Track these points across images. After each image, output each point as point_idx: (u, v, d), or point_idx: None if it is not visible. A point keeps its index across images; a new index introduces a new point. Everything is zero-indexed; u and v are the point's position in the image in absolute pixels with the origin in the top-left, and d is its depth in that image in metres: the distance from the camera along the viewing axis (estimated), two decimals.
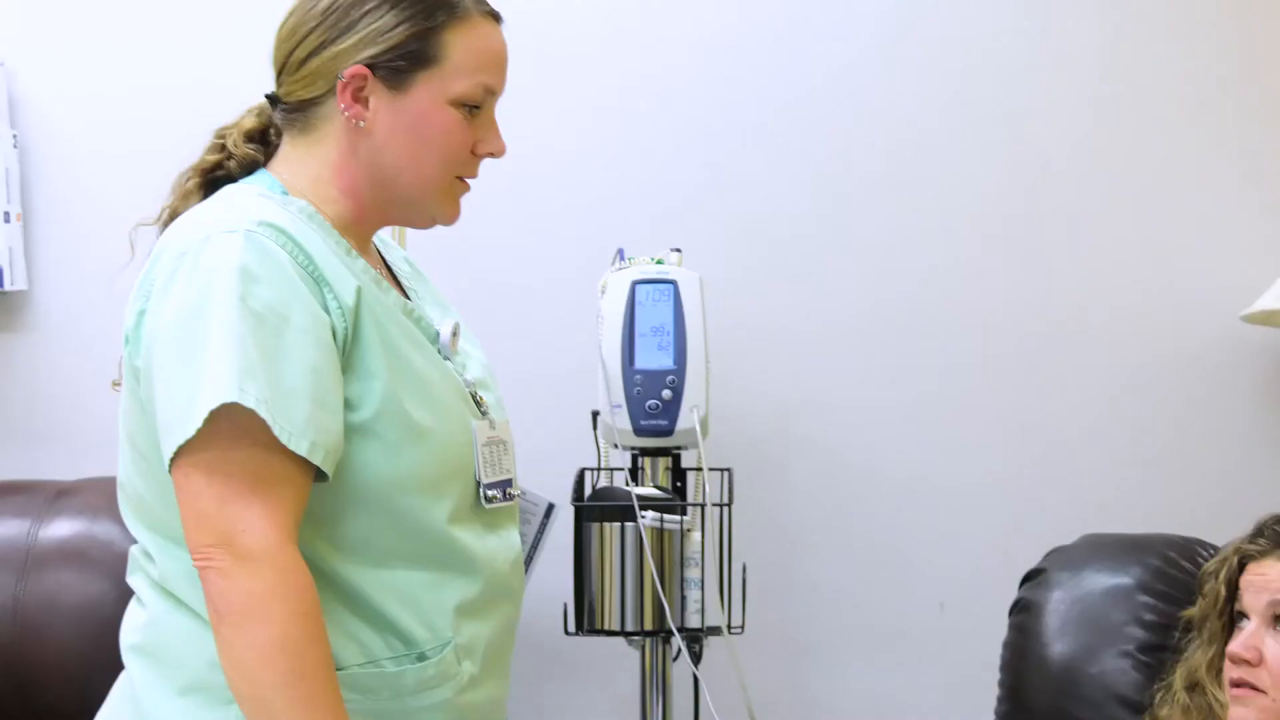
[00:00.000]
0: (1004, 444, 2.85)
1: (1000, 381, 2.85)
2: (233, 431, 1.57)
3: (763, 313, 2.85)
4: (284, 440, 1.58)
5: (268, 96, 1.78)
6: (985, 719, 2.24)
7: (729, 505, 2.48)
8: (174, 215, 1.75)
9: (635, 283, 2.47)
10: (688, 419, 2.44)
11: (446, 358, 1.81)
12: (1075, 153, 2.85)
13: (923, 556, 2.85)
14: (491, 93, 1.76)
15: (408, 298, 1.83)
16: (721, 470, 2.51)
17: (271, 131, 1.79)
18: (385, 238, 1.90)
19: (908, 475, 2.85)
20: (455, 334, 1.83)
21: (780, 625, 2.81)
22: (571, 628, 2.45)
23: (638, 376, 2.44)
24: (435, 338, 1.80)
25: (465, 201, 1.80)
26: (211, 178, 1.78)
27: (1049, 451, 2.84)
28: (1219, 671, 1.89)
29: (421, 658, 1.71)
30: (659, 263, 2.50)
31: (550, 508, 2.50)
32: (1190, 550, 2.17)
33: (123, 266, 1.78)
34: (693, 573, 2.43)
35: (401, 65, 1.71)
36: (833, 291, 2.85)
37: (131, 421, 1.69)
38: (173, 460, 1.58)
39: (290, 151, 1.76)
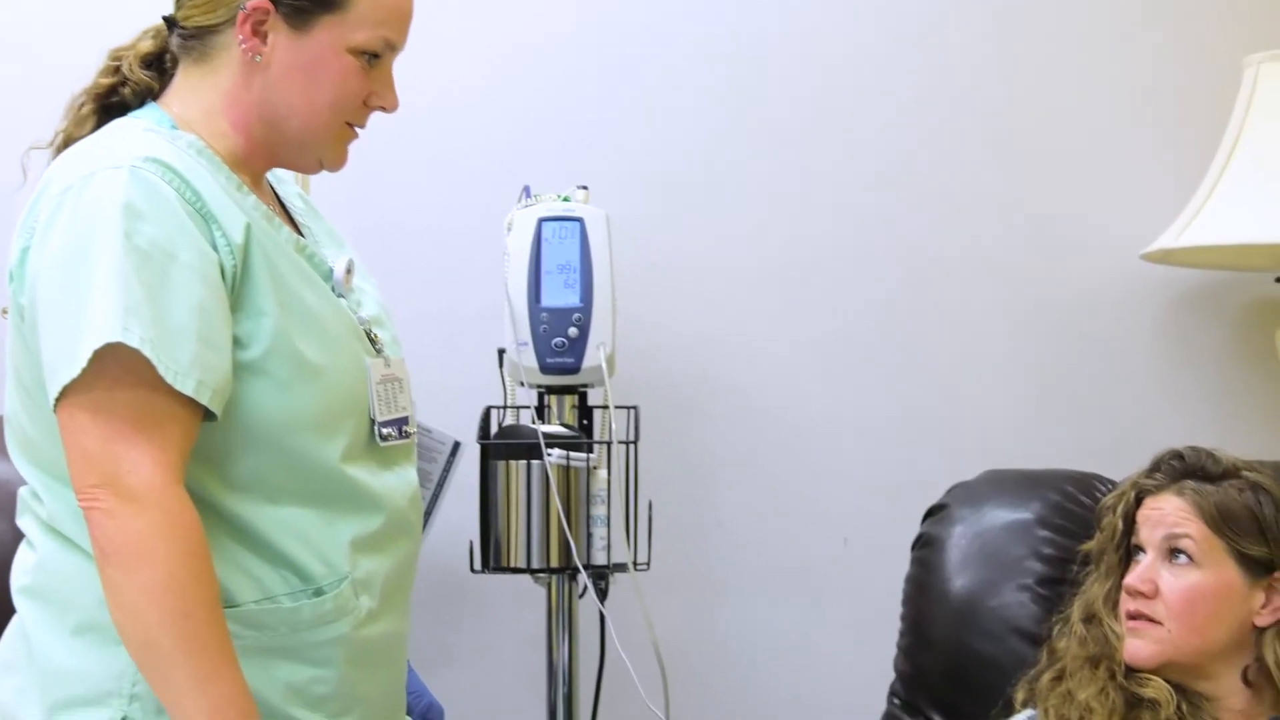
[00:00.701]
0: (907, 381, 2.87)
1: (904, 320, 2.87)
2: (117, 371, 1.55)
3: (670, 251, 2.84)
4: (169, 379, 1.56)
5: (165, 19, 1.74)
6: (888, 652, 2.26)
7: (635, 443, 2.49)
8: (68, 141, 1.72)
9: (541, 220, 2.46)
10: (594, 357, 2.43)
11: (340, 295, 1.79)
12: (977, 94, 2.86)
13: (827, 493, 2.87)
14: (391, 47, 1.74)
15: (301, 234, 1.81)
16: (628, 408, 2.51)
17: (167, 59, 1.76)
18: (280, 173, 1.87)
19: (812, 413, 2.87)
20: (349, 271, 1.81)
21: (686, 562, 2.82)
22: (477, 565, 2.45)
23: (544, 314, 2.43)
24: (329, 275, 1.79)
25: (370, 138, 1.79)
26: (106, 104, 1.75)
27: (951, 389, 2.86)
28: (1115, 604, 1.92)
29: (318, 593, 1.70)
30: (565, 200, 2.49)
31: (456, 446, 2.50)
32: (1088, 485, 2.20)
33: (14, 190, 1.74)
34: (599, 510, 2.43)
35: (305, 5, 1.68)
36: (740, 230, 2.85)
37: (18, 359, 1.66)
38: (58, 400, 1.56)
39: (183, 82, 1.73)
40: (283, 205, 1.84)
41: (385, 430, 1.79)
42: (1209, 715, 1.83)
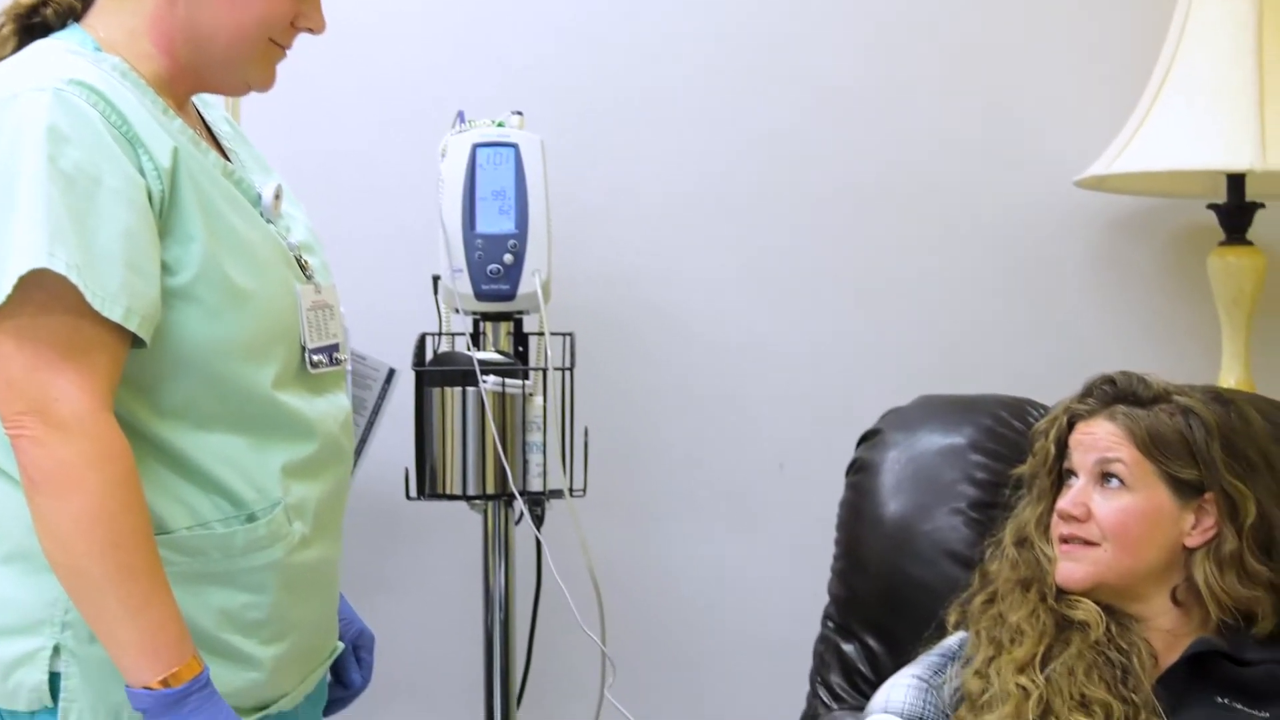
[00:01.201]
0: (842, 307, 2.87)
1: (839, 246, 2.87)
2: (43, 298, 1.54)
3: (606, 177, 2.83)
4: (97, 306, 1.55)
5: None
6: (822, 577, 2.27)
7: (571, 370, 2.48)
8: None
9: (476, 146, 2.44)
10: (529, 283, 2.42)
11: (269, 220, 1.78)
12: (910, 19, 2.86)
13: (763, 419, 2.88)
14: None
15: (228, 159, 1.78)
16: (564, 335, 2.51)
17: None
18: (206, 98, 1.85)
19: (748, 339, 2.87)
20: (278, 197, 1.80)
21: (622, 488, 2.83)
22: (413, 493, 2.45)
23: (479, 241, 2.42)
24: (257, 200, 1.77)
25: (302, 62, 1.76)
26: (27, 24, 1.71)
27: (886, 315, 2.87)
28: (1047, 528, 1.93)
29: (251, 519, 1.70)
30: (500, 125, 2.47)
31: (391, 373, 2.48)
32: (1021, 410, 2.21)
33: None
34: (534, 437, 2.43)
35: None
36: (675, 157, 2.84)
37: None
38: None
39: (107, 3, 1.70)
40: (209, 130, 1.82)
41: (316, 357, 1.78)
42: (1138, 636, 1.85)
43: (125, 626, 1.59)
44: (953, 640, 1.97)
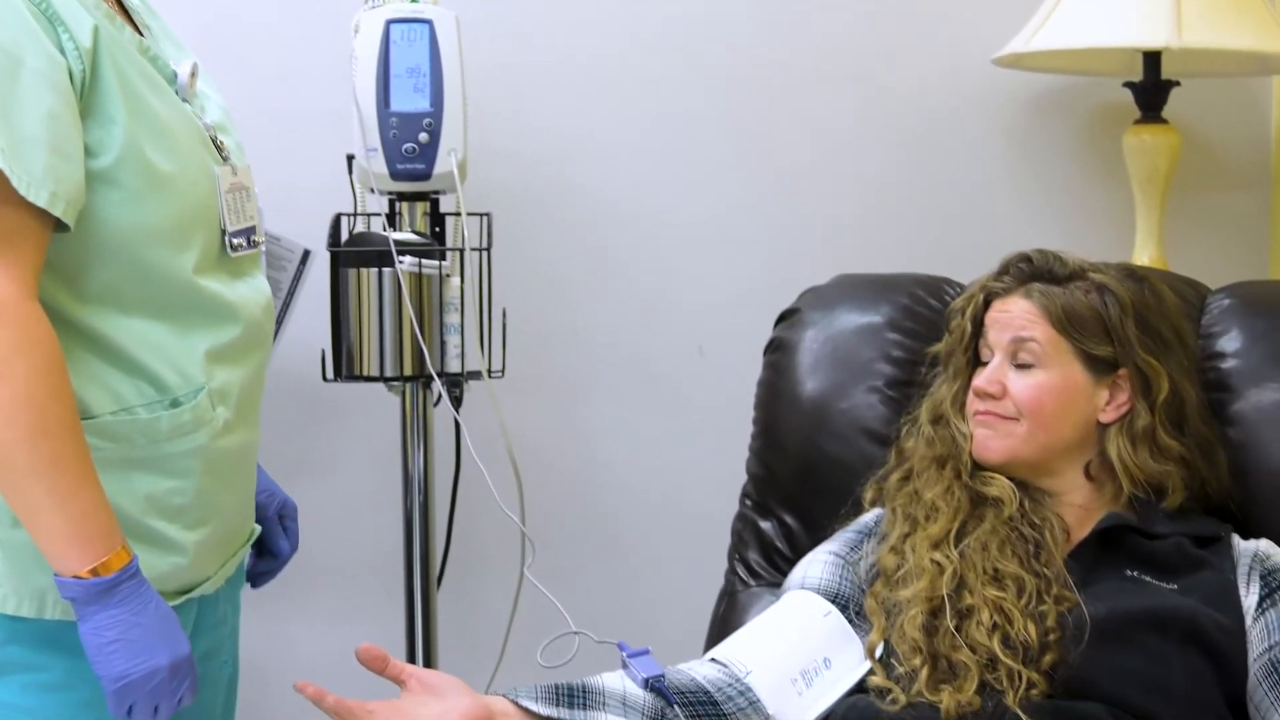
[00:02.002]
0: (760, 188, 2.87)
1: (756, 125, 2.86)
2: None
3: (522, 54, 2.79)
4: (22, 191, 1.52)
5: None
6: (741, 456, 2.28)
7: (488, 250, 2.47)
8: None
9: (389, 22, 2.39)
10: (445, 162, 2.39)
11: (185, 99, 1.74)
12: None
13: (682, 300, 2.88)
14: None
15: (141, 34, 1.74)
16: (480, 215, 2.48)
17: None
18: None
19: (667, 220, 2.86)
20: (193, 75, 1.76)
21: (541, 369, 2.82)
22: (330, 375, 2.43)
23: (393, 119, 2.38)
24: (173, 78, 1.73)
25: None
26: None
27: (803, 194, 2.87)
28: (963, 405, 1.95)
29: (175, 403, 1.69)
30: (414, 1, 2.42)
31: (306, 254, 2.46)
32: (938, 288, 2.22)
33: None
34: (452, 318, 2.42)
35: None
36: (591, 34, 2.81)
37: None
38: None
39: None
40: (120, 3, 1.77)
41: (235, 240, 1.76)
42: (1050, 511, 1.88)
43: (53, 515, 1.58)
44: (869, 517, 1.99)
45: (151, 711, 1.67)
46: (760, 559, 2.19)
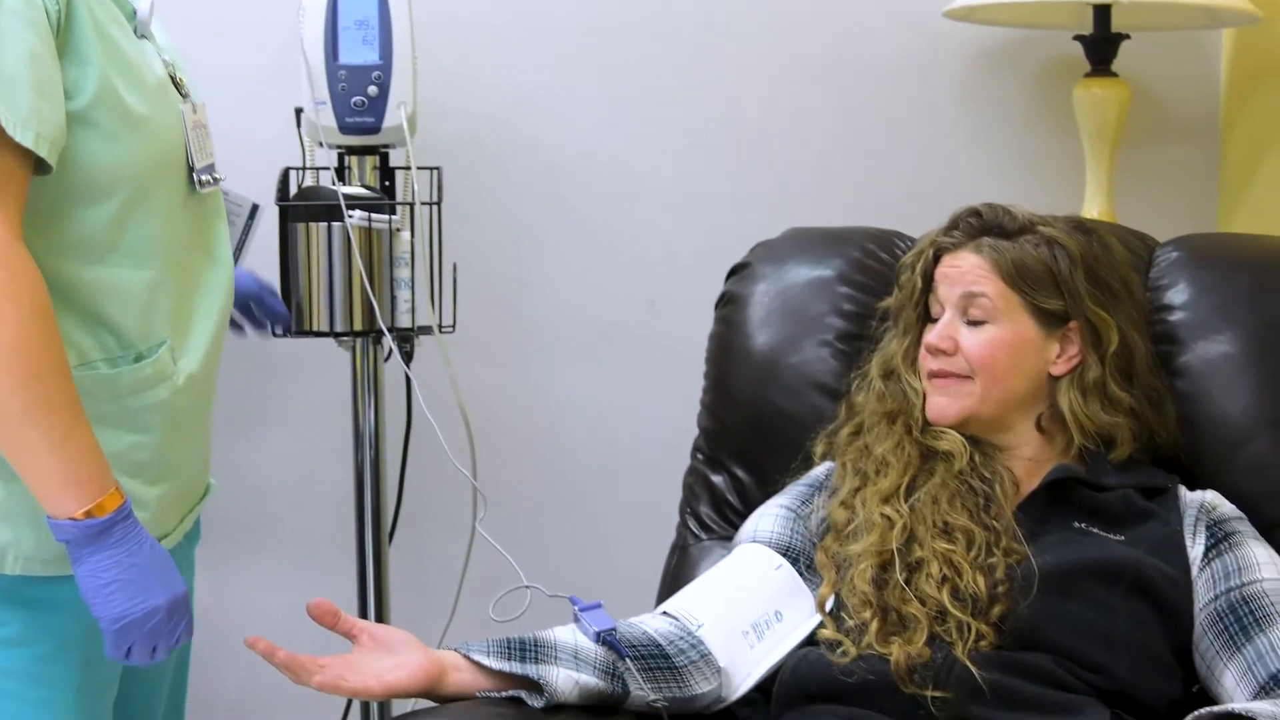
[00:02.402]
0: (711, 141, 2.86)
1: (709, 79, 2.85)
2: None
3: (472, 7, 2.78)
4: (9, 131, 1.50)
5: None
6: (692, 410, 2.28)
7: (438, 204, 2.46)
8: None
9: None
10: (394, 116, 2.38)
11: (143, 36, 1.73)
12: None
13: (633, 254, 2.88)
14: None
15: None
16: (430, 169, 2.47)
17: None
18: None
19: (618, 173, 2.85)
20: (151, 11, 1.75)
21: (492, 324, 2.82)
22: (279, 330, 2.42)
23: (342, 71, 2.37)
24: (132, 14, 1.72)
25: None
26: None
27: (755, 147, 2.86)
28: (914, 360, 1.95)
29: (138, 358, 1.68)
30: None
31: (255, 208, 2.43)
32: (889, 242, 2.22)
33: None
34: (402, 273, 2.41)
35: None
36: None
37: None
38: None
39: None
40: None
41: (203, 177, 1.76)
42: (1000, 464, 1.89)
43: (48, 459, 1.58)
44: (819, 471, 2.00)
45: (150, 651, 1.68)
46: (711, 512, 2.19)
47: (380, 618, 2.53)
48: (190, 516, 1.89)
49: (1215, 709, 1.59)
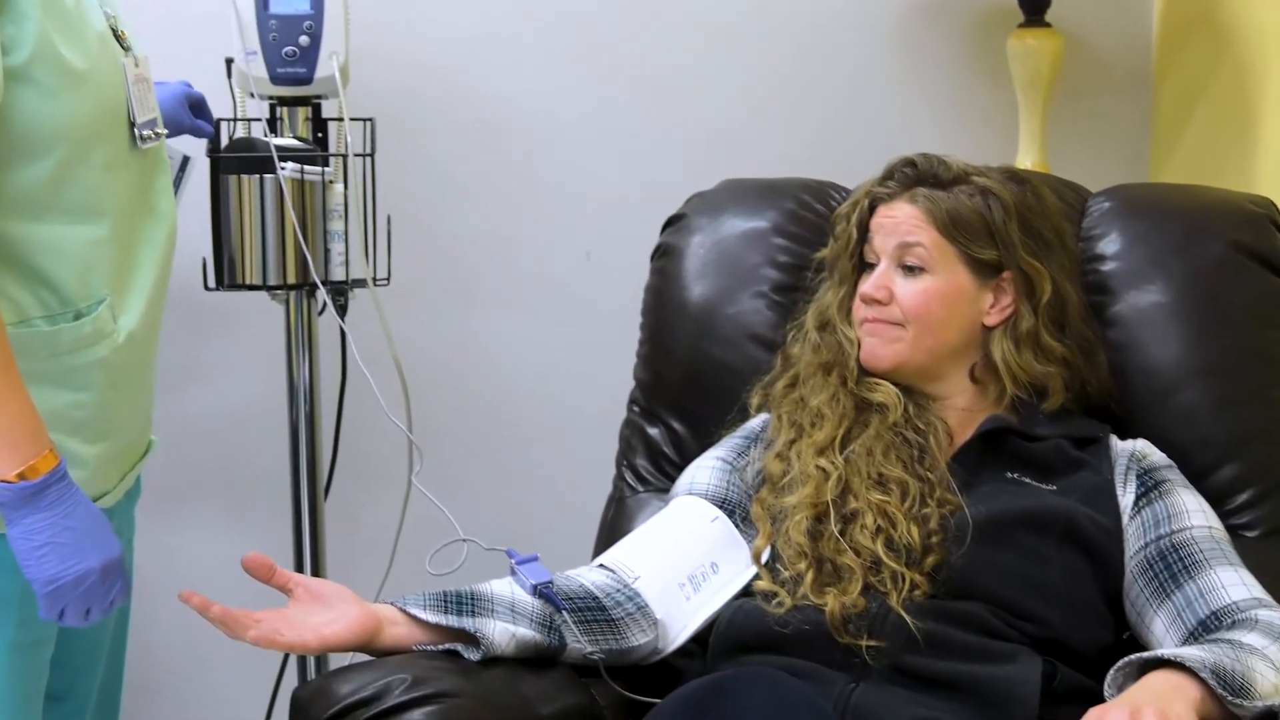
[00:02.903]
0: (647, 91, 2.85)
1: (642, 30, 2.84)
2: None
3: None
4: None
5: None
6: (628, 362, 2.28)
7: (372, 156, 2.44)
8: None
9: None
10: (327, 67, 2.36)
11: None
12: None
13: (569, 206, 2.87)
14: None
15: None
16: (364, 120, 2.45)
17: None
18: None
19: (553, 125, 2.84)
20: None
21: (427, 277, 2.80)
22: (211, 283, 2.40)
23: (273, 21, 2.34)
24: None
25: None
26: None
27: (689, 98, 2.86)
28: (849, 311, 1.95)
29: (78, 316, 1.66)
30: None
31: (186, 160, 2.41)
32: (824, 193, 2.22)
33: None
34: (336, 225, 2.39)
35: None
36: None
37: None
38: None
39: None
40: None
41: (145, 132, 1.74)
42: (935, 416, 1.90)
43: None
44: (755, 423, 2.00)
45: (83, 614, 1.67)
46: (648, 465, 2.20)
47: (316, 572, 2.52)
48: (131, 475, 1.88)
49: (1145, 654, 1.60)
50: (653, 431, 2.20)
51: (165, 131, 1.85)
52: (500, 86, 2.82)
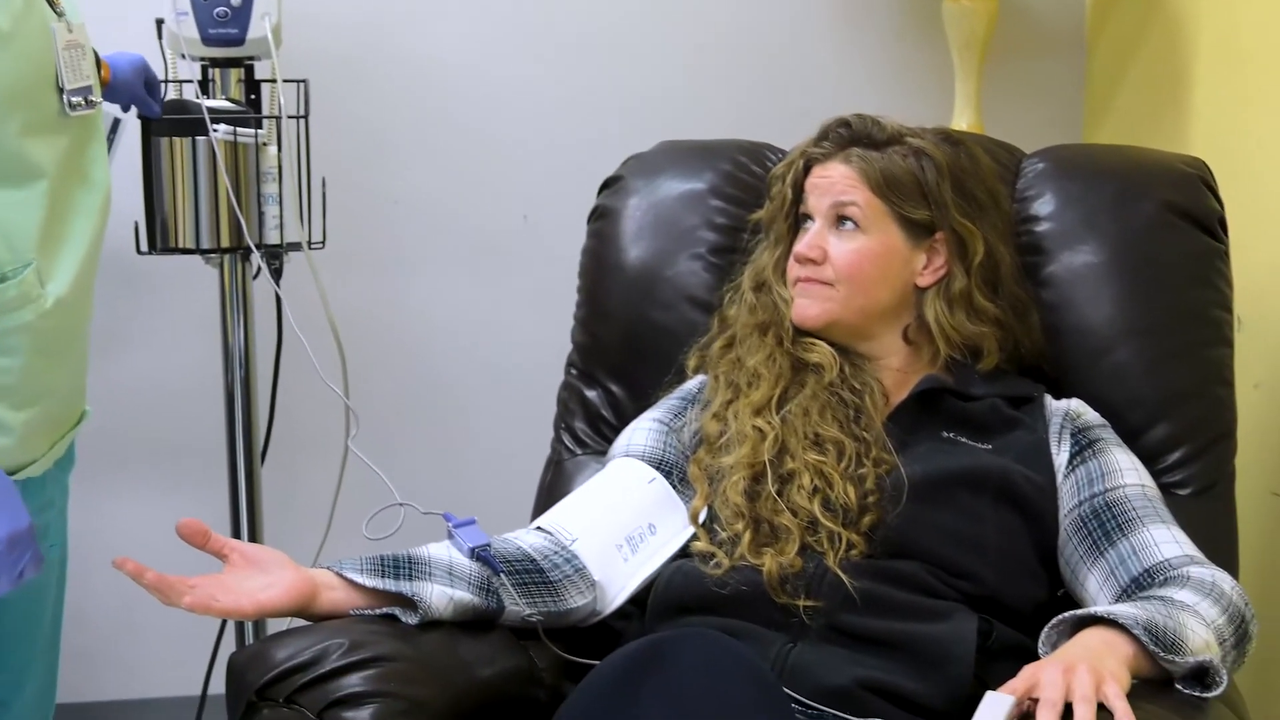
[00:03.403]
0: (583, 53, 2.85)
1: None
2: None
3: None
4: None
5: None
6: (567, 325, 2.28)
7: (305, 118, 2.42)
8: None
9: None
10: (259, 27, 2.34)
11: None
12: None
13: (506, 169, 2.86)
14: None
15: None
16: (297, 82, 2.43)
17: None
18: None
19: (490, 87, 2.83)
20: None
21: (363, 240, 2.79)
22: (144, 247, 2.37)
23: None
24: None
25: None
26: None
27: (627, 59, 2.85)
28: (784, 272, 1.96)
29: (1, 280, 1.64)
30: None
31: (116, 123, 2.38)
32: (760, 155, 2.22)
33: None
34: (269, 188, 2.37)
35: None
36: None
37: None
38: None
39: None
40: None
41: (74, 99, 1.72)
42: (870, 376, 1.90)
43: None
44: (692, 384, 2.00)
45: None
46: (586, 427, 2.20)
47: (254, 538, 2.51)
48: (62, 443, 1.86)
49: (1078, 612, 1.62)
50: (590, 394, 2.20)
51: (99, 100, 1.82)
52: (436, 48, 2.80)
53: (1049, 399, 1.94)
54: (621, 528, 1.84)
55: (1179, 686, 1.56)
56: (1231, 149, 2.43)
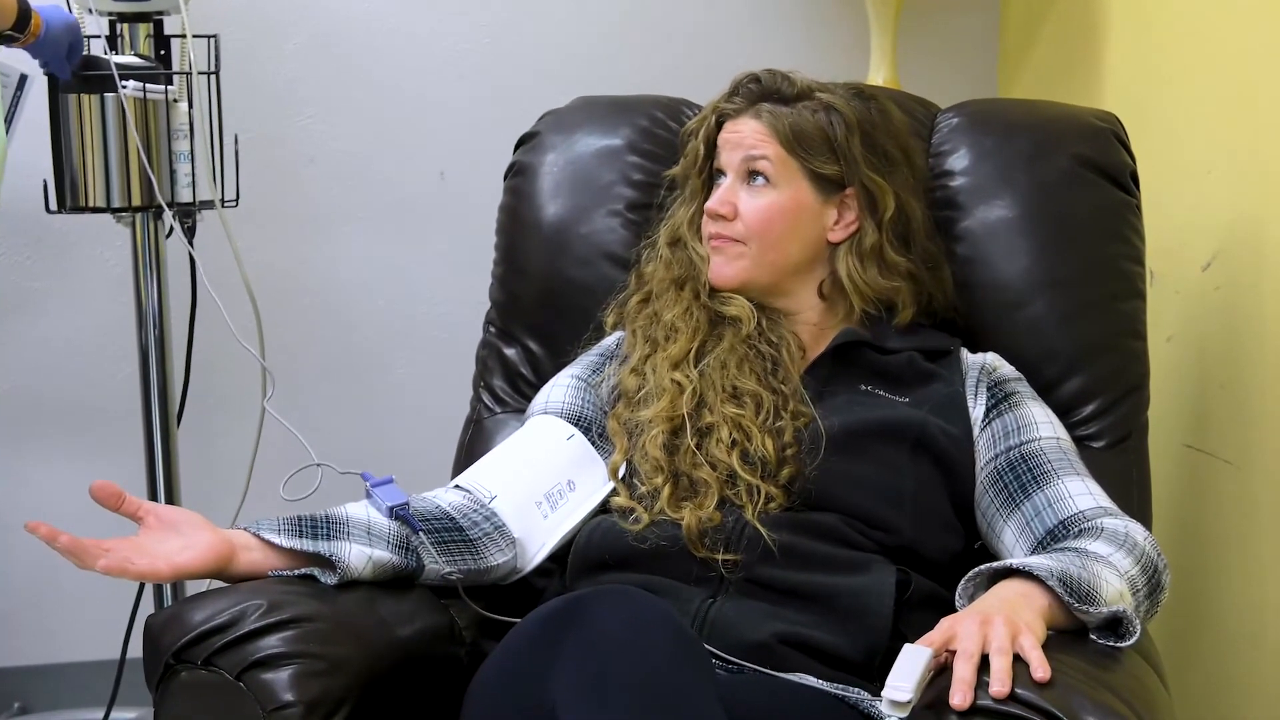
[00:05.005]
0: (500, 6, 2.83)
1: None
2: None
3: None
4: None
5: None
6: (484, 283, 2.27)
7: (216, 74, 2.39)
8: None
9: None
10: None
11: None
12: None
13: (422, 126, 2.84)
14: None
15: None
16: (207, 37, 2.40)
17: None
18: None
19: (403, 42, 2.81)
20: None
21: (277, 198, 2.76)
22: (53, 205, 2.34)
23: None
24: None
25: None
26: None
27: (542, 13, 2.84)
28: (699, 227, 1.96)
29: None
30: None
31: (23, 78, 2.34)
32: (676, 110, 2.22)
33: None
34: (181, 145, 2.34)
35: None
36: None
37: None
38: None
39: None
40: None
41: None
42: (787, 330, 1.91)
43: None
44: (610, 340, 2.00)
45: None
46: (505, 385, 2.19)
47: (170, 499, 2.49)
48: None
49: (995, 564, 1.63)
50: (509, 352, 2.20)
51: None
52: (350, 2, 2.77)
53: (965, 352, 1.96)
54: (541, 485, 1.84)
55: (1094, 636, 1.57)
56: (1144, 103, 2.45)
